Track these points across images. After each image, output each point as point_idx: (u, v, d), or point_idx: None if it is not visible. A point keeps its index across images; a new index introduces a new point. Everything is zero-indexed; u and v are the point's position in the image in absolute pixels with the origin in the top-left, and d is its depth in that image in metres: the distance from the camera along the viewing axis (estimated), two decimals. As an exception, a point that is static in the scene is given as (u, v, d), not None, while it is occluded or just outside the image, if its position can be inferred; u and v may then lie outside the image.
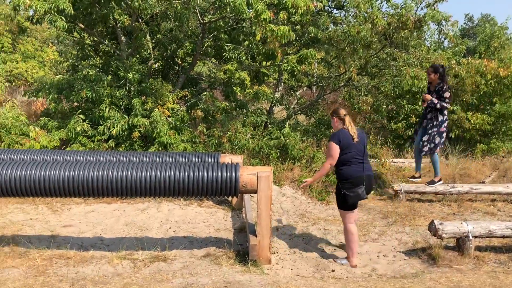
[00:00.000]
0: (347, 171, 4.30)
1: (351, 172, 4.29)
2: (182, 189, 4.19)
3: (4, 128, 7.50)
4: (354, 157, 4.30)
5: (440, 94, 6.25)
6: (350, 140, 4.31)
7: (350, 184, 4.28)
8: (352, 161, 4.29)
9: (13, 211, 6.00)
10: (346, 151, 4.30)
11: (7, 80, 17.58)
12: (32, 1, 6.77)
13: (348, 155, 4.30)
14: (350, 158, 4.29)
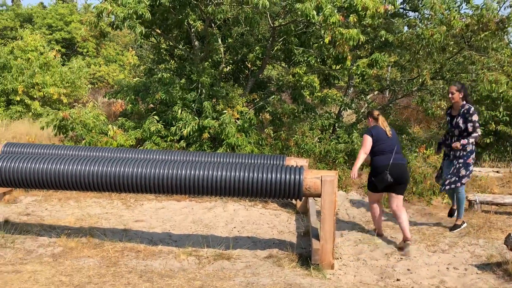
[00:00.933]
0: (377, 161, 4.93)
1: (380, 161, 4.91)
2: (247, 189, 4.27)
3: (86, 126, 8.04)
4: (385, 149, 4.93)
5: (466, 117, 5.12)
6: (384, 135, 4.99)
7: (376, 171, 4.95)
8: (383, 152, 4.92)
9: (91, 204, 6.42)
10: (379, 143, 4.95)
11: (90, 82, 18.81)
12: (113, 7, 7.21)
13: (380, 147, 4.94)
14: (382, 149, 4.94)
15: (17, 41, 14.59)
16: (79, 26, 23.51)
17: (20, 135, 10.46)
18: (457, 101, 5.17)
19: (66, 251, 4.47)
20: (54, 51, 15.09)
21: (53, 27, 23.75)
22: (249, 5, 7.16)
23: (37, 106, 13.17)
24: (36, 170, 4.37)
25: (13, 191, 6.58)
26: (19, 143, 6.44)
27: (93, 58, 23.00)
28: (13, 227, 5.16)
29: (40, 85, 13.27)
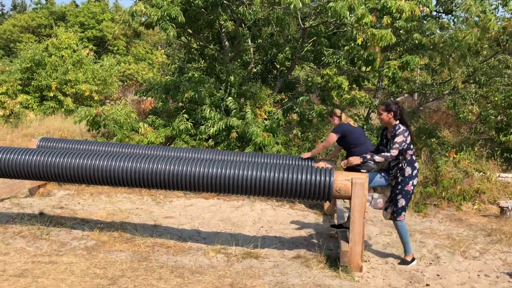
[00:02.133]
0: (359, 152, 5.08)
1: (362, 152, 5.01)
2: (275, 189, 4.30)
3: (118, 123, 8.21)
4: (361, 140, 5.47)
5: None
6: (351, 127, 5.55)
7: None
8: (360, 144, 5.40)
9: (122, 200, 6.56)
10: (353, 135, 5.48)
11: (120, 80, 19.16)
12: (147, 8, 7.35)
13: (355, 139, 5.47)
14: (358, 140, 5.46)
15: (52, 39, 14.98)
16: (110, 24, 24.01)
17: (53, 130, 10.76)
18: (386, 121, 4.45)
19: (99, 244, 4.59)
20: (87, 49, 15.44)
21: (85, 25, 24.30)
22: (280, 6, 7.19)
23: (69, 102, 13.50)
24: (69, 164, 4.49)
25: (47, 184, 6.77)
26: (54, 138, 6.63)
27: (123, 56, 23.43)
28: (48, 220, 5.33)
29: (72, 82, 13.60)
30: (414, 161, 4.42)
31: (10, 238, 4.64)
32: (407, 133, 4.35)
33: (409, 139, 4.36)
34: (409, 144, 4.37)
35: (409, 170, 4.38)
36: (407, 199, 4.43)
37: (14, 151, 4.58)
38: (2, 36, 24.96)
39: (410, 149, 4.38)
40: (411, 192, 4.42)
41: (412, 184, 4.40)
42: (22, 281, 3.36)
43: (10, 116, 11.57)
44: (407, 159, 4.38)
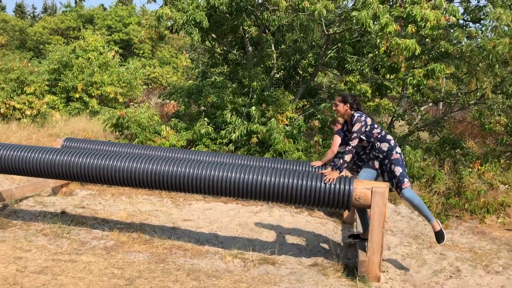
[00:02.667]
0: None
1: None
2: (294, 196, 4.28)
3: (141, 126, 8.31)
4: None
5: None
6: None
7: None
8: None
9: (142, 201, 6.63)
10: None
11: (144, 83, 19.43)
12: (173, 12, 7.44)
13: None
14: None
15: (79, 41, 15.30)
16: (136, 28, 24.39)
17: (78, 131, 10.96)
18: (343, 113, 4.51)
19: (118, 244, 4.65)
20: (113, 51, 15.71)
21: (112, 28, 24.74)
22: (304, 12, 7.19)
23: (94, 103, 13.75)
24: (92, 165, 4.57)
25: (70, 184, 6.90)
26: (78, 138, 6.75)
27: (148, 59, 23.75)
28: (69, 219, 5.42)
29: (98, 84, 13.85)
30: (385, 135, 4.44)
31: (33, 236, 4.74)
32: (364, 117, 4.37)
33: (370, 121, 4.41)
34: (371, 125, 4.41)
35: (385, 145, 4.39)
36: (400, 165, 4.34)
37: (39, 150, 4.69)
38: (32, 38, 25.61)
39: (375, 128, 4.42)
40: (400, 159, 4.37)
41: (396, 152, 4.38)
42: (42, 278, 3.42)
43: (37, 116, 11.84)
44: (377, 138, 4.42)
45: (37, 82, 12.42)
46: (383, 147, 4.40)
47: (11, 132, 10.13)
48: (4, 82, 12.00)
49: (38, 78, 12.64)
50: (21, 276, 3.42)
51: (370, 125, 4.40)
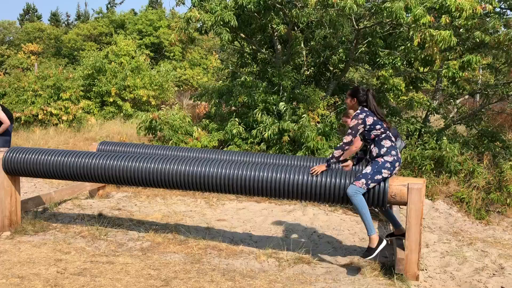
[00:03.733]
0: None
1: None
2: (328, 195, 4.22)
3: (173, 127, 8.41)
4: None
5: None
6: None
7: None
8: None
9: (176, 202, 6.70)
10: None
11: (176, 85, 19.68)
12: (201, 14, 7.49)
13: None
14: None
15: (112, 46, 15.64)
16: (167, 31, 24.73)
17: (113, 134, 11.19)
18: (350, 107, 4.41)
19: (153, 246, 4.71)
20: (144, 55, 15.97)
21: (143, 32, 25.17)
22: (334, 8, 7.09)
23: (128, 107, 14.02)
24: (127, 167, 4.64)
25: (106, 186, 7.04)
26: (112, 141, 6.89)
27: (179, 61, 24.05)
28: (106, 221, 5.54)
29: (131, 88, 14.12)
30: (381, 140, 4.13)
31: (71, 238, 4.86)
32: (364, 115, 4.13)
33: (370, 120, 4.12)
34: (371, 125, 4.12)
35: (376, 150, 4.13)
36: (374, 169, 4.03)
37: (76, 155, 4.80)
38: (67, 45, 26.36)
39: (375, 129, 4.13)
40: (381, 165, 4.03)
41: (383, 159, 4.06)
42: (81, 279, 3.50)
43: (73, 120, 12.17)
44: (372, 140, 4.17)
45: (73, 88, 12.76)
46: (374, 151, 4.16)
47: (49, 137, 10.44)
48: (41, 89, 12.39)
49: (73, 84, 12.99)
50: (62, 278, 3.51)
51: (370, 125, 4.13)
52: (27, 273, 3.57)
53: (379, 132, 4.13)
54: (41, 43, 27.19)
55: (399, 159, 4.09)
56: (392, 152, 4.08)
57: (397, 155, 4.10)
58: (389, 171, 4.02)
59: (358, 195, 4.00)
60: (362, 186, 4.00)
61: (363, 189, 4.00)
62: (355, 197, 4.00)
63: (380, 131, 4.14)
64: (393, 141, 4.15)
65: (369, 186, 4.01)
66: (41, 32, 28.21)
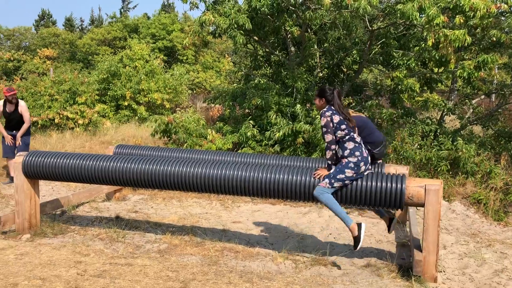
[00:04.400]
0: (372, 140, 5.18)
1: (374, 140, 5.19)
2: (344, 196, 4.22)
3: (188, 130, 8.46)
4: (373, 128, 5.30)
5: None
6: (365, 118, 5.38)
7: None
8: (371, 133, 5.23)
9: (192, 204, 6.74)
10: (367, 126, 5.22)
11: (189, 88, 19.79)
12: (215, 18, 7.53)
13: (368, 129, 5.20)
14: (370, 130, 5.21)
15: (126, 50, 15.79)
16: (180, 34, 24.90)
17: (128, 137, 11.29)
18: (319, 107, 4.47)
19: (171, 247, 4.75)
20: (158, 59, 16.09)
21: (156, 36, 25.38)
22: (348, 9, 7.08)
23: (142, 110, 14.13)
24: (143, 170, 4.69)
25: (123, 189, 7.11)
26: (128, 145, 6.95)
27: (192, 65, 24.18)
28: (123, 223, 5.60)
29: (145, 91, 14.23)
30: (345, 142, 4.23)
31: (90, 240, 4.92)
32: (330, 113, 4.23)
33: (337, 119, 4.22)
34: (338, 124, 4.22)
35: (340, 152, 4.25)
36: (337, 169, 4.17)
37: (94, 158, 4.86)
38: (81, 50, 26.68)
39: (340, 129, 4.22)
40: (344, 165, 4.15)
41: (347, 159, 4.17)
42: (101, 281, 3.54)
43: (88, 124, 12.30)
44: (337, 142, 4.27)
45: (88, 92, 12.91)
46: (339, 153, 4.27)
47: (66, 141, 10.57)
48: (57, 93, 12.55)
49: (88, 88, 13.14)
50: (82, 280, 3.56)
51: (336, 123, 4.22)
52: (48, 275, 3.63)
53: (343, 133, 4.24)
54: (56, 48, 27.57)
55: (364, 159, 4.19)
56: (355, 153, 4.19)
57: (362, 155, 4.19)
58: (352, 171, 4.14)
59: (324, 194, 4.15)
60: (326, 186, 4.15)
61: (328, 189, 4.15)
62: (321, 197, 4.16)
63: (344, 132, 4.23)
64: (356, 142, 4.25)
65: (333, 185, 4.14)
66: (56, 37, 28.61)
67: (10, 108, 7.46)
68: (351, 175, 4.14)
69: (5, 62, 24.69)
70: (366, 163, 4.20)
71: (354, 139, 4.25)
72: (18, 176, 5.02)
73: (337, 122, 4.22)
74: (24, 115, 7.56)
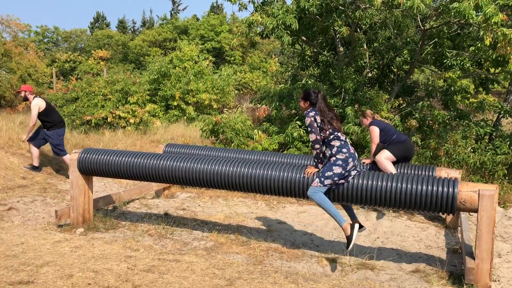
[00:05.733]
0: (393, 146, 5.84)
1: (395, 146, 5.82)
2: (393, 200, 4.13)
3: (235, 130, 8.55)
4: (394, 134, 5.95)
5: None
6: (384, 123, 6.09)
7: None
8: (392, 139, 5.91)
9: (238, 203, 6.80)
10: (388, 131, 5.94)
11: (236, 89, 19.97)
12: (263, 18, 7.57)
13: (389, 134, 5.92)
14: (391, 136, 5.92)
15: (176, 52, 16.15)
16: (228, 35, 25.18)
17: (177, 137, 11.54)
18: (304, 109, 4.53)
19: (217, 245, 4.81)
20: (207, 60, 16.35)
21: (205, 37, 25.79)
22: (399, 8, 6.92)
23: (191, 110, 14.41)
24: (191, 169, 4.78)
25: (171, 187, 7.28)
26: (177, 144, 7.12)
27: (239, 66, 24.40)
28: (171, 220, 5.73)
29: (194, 92, 14.50)
30: (330, 141, 4.32)
31: (140, 236, 5.07)
32: (313, 113, 4.32)
33: (319, 119, 4.30)
34: (319, 124, 4.31)
35: (328, 151, 4.35)
36: (325, 167, 4.27)
37: (145, 156, 5.01)
38: (133, 51, 27.53)
39: (323, 129, 4.31)
40: (332, 163, 4.24)
41: (335, 157, 4.26)
42: (150, 276, 3.64)
43: (139, 123, 12.68)
44: (323, 142, 4.35)
45: (139, 92, 13.30)
46: (326, 152, 4.36)
47: (118, 140, 10.94)
48: (110, 93, 13.02)
49: (140, 88, 13.54)
50: (132, 274, 3.67)
51: (319, 123, 4.31)
52: (101, 268, 3.77)
53: (327, 133, 4.32)
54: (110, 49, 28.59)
55: (351, 155, 4.28)
56: (343, 149, 4.29)
57: (349, 151, 4.28)
58: (341, 168, 4.21)
59: (317, 194, 4.22)
60: (318, 185, 4.23)
61: (321, 188, 4.23)
62: (314, 196, 4.24)
63: (328, 132, 4.31)
64: (342, 140, 4.33)
65: (324, 183, 4.22)
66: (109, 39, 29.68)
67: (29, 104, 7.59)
68: (339, 172, 4.21)
69: (62, 63, 25.88)
70: (354, 159, 4.30)
71: (339, 138, 4.34)
72: (73, 172, 5.25)
73: (320, 121, 4.34)
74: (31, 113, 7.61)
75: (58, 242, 4.45)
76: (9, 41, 19.40)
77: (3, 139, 8.85)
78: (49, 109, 7.60)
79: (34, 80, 17.81)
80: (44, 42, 31.69)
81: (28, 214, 5.87)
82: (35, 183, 7.33)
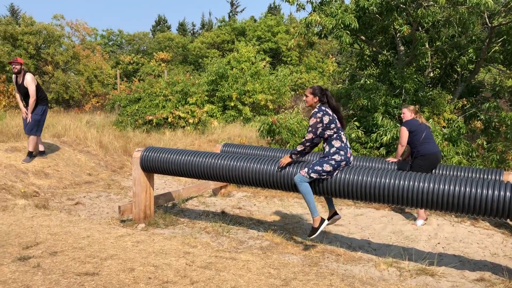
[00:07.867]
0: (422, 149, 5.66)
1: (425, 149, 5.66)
2: (456, 204, 3.96)
3: (290, 131, 8.54)
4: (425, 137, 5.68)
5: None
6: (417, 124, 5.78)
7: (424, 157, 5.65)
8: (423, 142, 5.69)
9: (293, 204, 6.79)
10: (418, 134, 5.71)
11: (292, 89, 19.93)
12: (321, 18, 7.51)
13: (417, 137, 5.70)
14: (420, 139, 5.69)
15: (233, 53, 16.37)
16: (284, 36, 25.17)
17: (233, 137, 11.71)
18: (310, 104, 4.59)
19: (272, 245, 4.84)
20: (264, 61, 16.44)
21: (261, 38, 25.93)
22: (464, 5, 6.63)
23: (247, 111, 14.56)
24: (248, 168, 4.83)
25: (228, 186, 7.40)
26: (234, 143, 7.22)
27: (295, 66, 24.32)
28: (228, 218, 5.82)
29: (250, 92, 14.64)
30: (332, 140, 4.41)
31: (197, 233, 5.19)
32: (321, 113, 4.40)
33: (327, 119, 4.39)
34: (327, 124, 4.39)
35: (327, 148, 4.43)
36: (318, 161, 4.40)
37: (203, 155, 5.13)
38: (192, 53, 28.18)
39: (330, 128, 4.40)
40: (326, 160, 4.36)
41: (331, 156, 4.36)
42: (207, 272, 3.72)
43: (198, 123, 12.98)
44: (325, 139, 4.44)
45: (198, 93, 13.62)
46: (325, 149, 4.46)
47: (177, 139, 11.26)
48: (171, 94, 13.42)
49: (198, 89, 13.86)
50: (190, 270, 3.77)
51: (326, 124, 4.40)
52: (160, 263, 3.90)
53: (331, 132, 4.42)
54: (170, 51, 29.45)
55: (346, 159, 4.38)
56: (341, 152, 4.38)
57: (346, 155, 4.38)
58: (331, 167, 4.33)
59: (303, 184, 4.40)
60: (304, 175, 4.38)
61: (306, 178, 4.38)
62: (299, 185, 4.42)
63: (333, 131, 4.42)
64: (343, 142, 4.43)
65: (310, 175, 4.36)
66: (170, 41, 30.56)
67: (19, 79, 7.09)
68: (329, 170, 4.33)
69: (126, 65, 26.96)
70: (348, 163, 4.41)
71: (341, 138, 4.44)
72: (135, 169, 5.46)
73: (327, 122, 4.41)
74: (29, 88, 7.04)
75: (121, 236, 4.65)
76: (78, 45, 20.50)
77: (71, 138, 9.36)
78: (38, 84, 7.30)
79: (100, 82, 18.72)
80: (109, 45, 33.16)
81: (94, 209, 6.18)
82: (100, 180, 7.70)
